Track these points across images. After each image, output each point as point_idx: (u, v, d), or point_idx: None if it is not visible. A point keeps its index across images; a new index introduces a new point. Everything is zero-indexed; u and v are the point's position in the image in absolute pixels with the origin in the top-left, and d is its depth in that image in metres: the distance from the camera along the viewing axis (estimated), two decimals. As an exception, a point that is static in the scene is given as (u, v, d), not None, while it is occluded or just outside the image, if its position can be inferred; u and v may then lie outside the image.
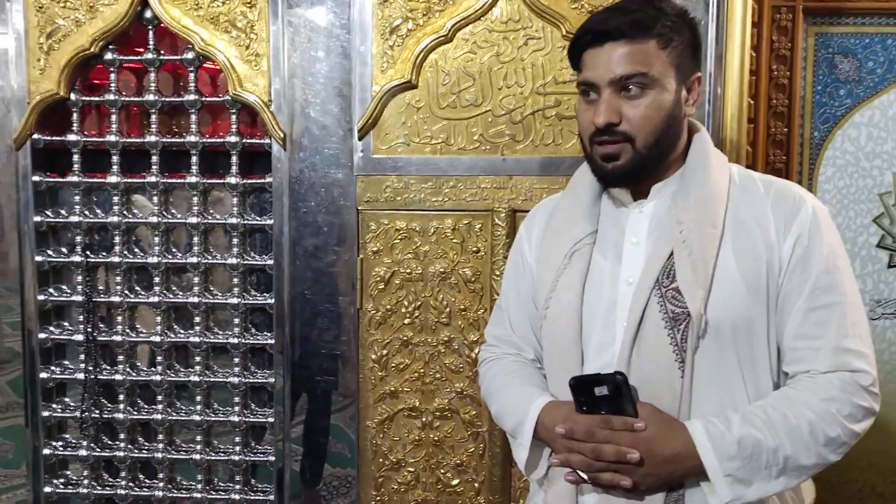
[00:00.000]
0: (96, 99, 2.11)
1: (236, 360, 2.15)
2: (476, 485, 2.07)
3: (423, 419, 2.07)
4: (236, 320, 2.14)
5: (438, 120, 1.98)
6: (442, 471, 2.08)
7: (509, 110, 1.95)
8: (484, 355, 1.61)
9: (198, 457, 2.19)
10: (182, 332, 2.19)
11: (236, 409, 2.16)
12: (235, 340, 2.14)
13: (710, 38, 1.85)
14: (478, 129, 1.97)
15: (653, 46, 1.26)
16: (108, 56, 2.08)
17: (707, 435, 1.20)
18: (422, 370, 2.05)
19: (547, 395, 1.40)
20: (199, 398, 2.18)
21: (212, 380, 2.17)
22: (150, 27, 2.07)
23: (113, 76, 2.10)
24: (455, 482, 2.08)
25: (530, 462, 1.41)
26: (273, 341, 2.11)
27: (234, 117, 2.07)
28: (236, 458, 2.17)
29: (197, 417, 2.18)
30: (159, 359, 2.19)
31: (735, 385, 1.26)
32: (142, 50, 2.09)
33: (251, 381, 2.15)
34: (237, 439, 2.18)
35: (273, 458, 2.15)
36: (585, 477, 1.27)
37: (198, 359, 2.17)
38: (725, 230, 1.28)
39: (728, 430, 1.19)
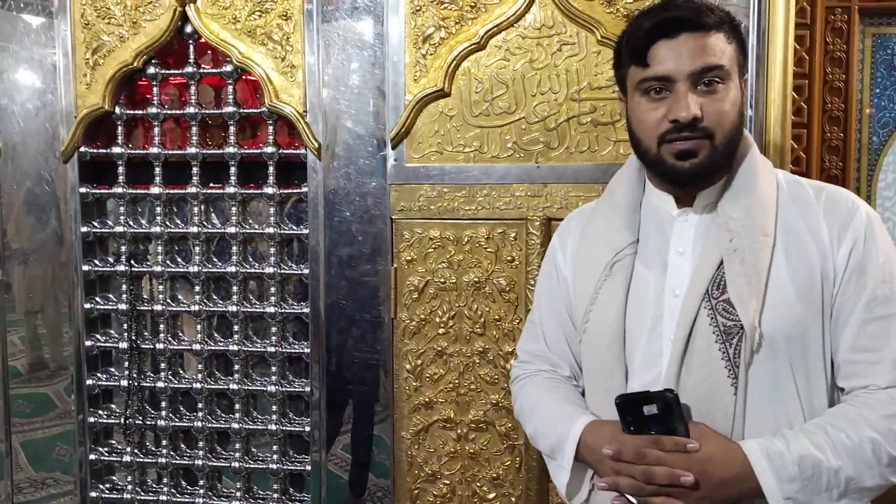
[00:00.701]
0: (139, 112, 2.17)
1: (273, 368, 2.17)
2: (512, 499, 2.03)
3: (459, 431, 2.04)
4: (273, 329, 2.16)
5: (471, 128, 1.96)
6: (478, 484, 2.05)
7: (543, 117, 1.92)
8: (516, 372, 1.55)
9: (237, 464, 2.21)
10: (222, 340, 2.22)
11: (274, 417, 2.18)
12: (272, 349, 2.15)
13: (752, 39, 1.79)
14: (511, 137, 1.94)
15: (722, 39, 1.21)
16: (151, 70, 2.13)
17: (765, 455, 1.13)
18: (456, 381, 2.03)
19: (588, 413, 1.35)
20: (237, 406, 2.20)
21: (249, 388, 2.19)
22: (190, 41, 2.11)
23: (155, 90, 2.15)
24: (491, 496, 2.04)
25: (571, 485, 1.35)
26: (309, 350, 2.12)
27: (270, 128, 2.10)
28: (274, 466, 2.18)
29: (236, 426, 2.20)
30: (200, 367, 2.22)
31: (790, 401, 1.20)
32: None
33: (288, 389, 2.16)
34: (275, 448, 2.19)
35: (310, 468, 2.15)
36: (635, 501, 1.20)
37: (237, 367, 2.20)
38: (777, 238, 1.22)
39: (787, 450, 1.13)
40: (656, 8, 1.28)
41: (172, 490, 2.26)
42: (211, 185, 2.18)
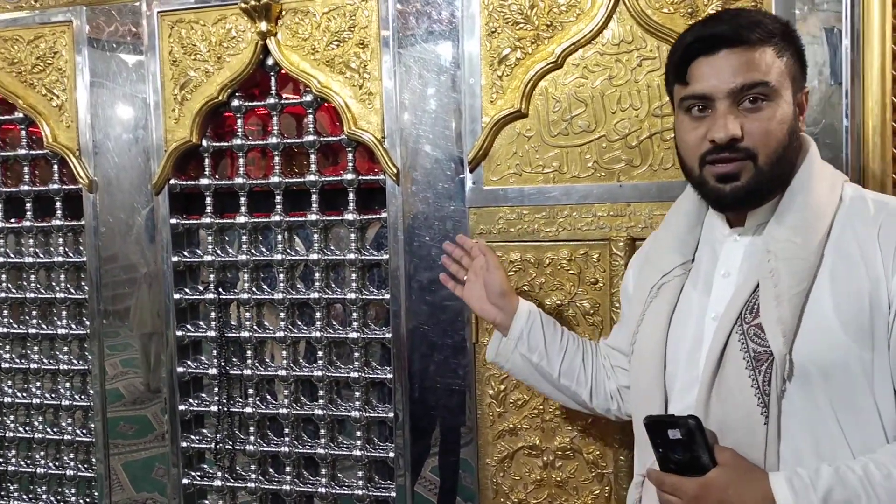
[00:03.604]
0: (225, 144, 2.23)
1: (357, 394, 2.17)
2: (602, 529, 1.97)
3: (545, 458, 1.99)
4: (356, 355, 2.16)
5: (550, 148, 1.92)
6: (565, 513, 1.99)
7: (624, 135, 1.87)
8: None
9: (323, 490, 2.22)
10: (307, 366, 2.24)
11: (358, 443, 2.18)
12: (356, 375, 2.16)
13: (846, 44, 1.69)
14: (592, 156, 1.90)
15: (770, 54, 1.15)
16: (235, 103, 2.19)
17: (790, 488, 1.07)
18: (541, 406, 1.98)
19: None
20: (323, 432, 2.22)
21: (334, 413, 2.20)
22: (271, 73, 2.16)
23: (239, 121, 2.21)
24: (580, 526, 1.98)
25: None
26: (391, 375, 2.12)
27: (350, 155, 2.12)
28: (360, 491, 2.18)
29: (322, 451, 2.21)
30: (286, 392, 2.25)
31: (832, 437, 1.12)
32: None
33: (371, 415, 2.16)
34: (360, 473, 2.19)
35: (395, 494, 2.14)
36: None
37: (322, 393, 2.21)
38: (824, 261, 1.14)
39: (813, 486, 1.06)
40: (699, 23, 1.24)
41: (261, 514, 2.29)
42: (293, 212, 2.22)
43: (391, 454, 2.14)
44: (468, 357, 2.03)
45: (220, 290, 2.27)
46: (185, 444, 2.31)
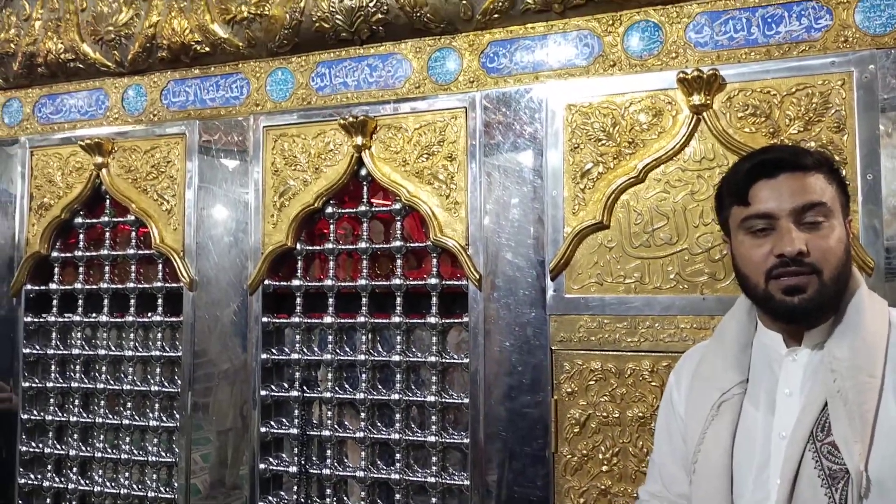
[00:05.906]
0: (317, 248, 2.35)
1: (434, 500, 2.16)
2: None
3: (625, 577, 1.92)
4: (433, 458, 2.17)
5: (632, 259, 1.95)
6: None
7: (707, 248, 1.88)
8: None
9: None
10: (384, 468, 2.25)
11: (433, 550, 2.16)
12: (432, 479, 2.16)
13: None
14: (674, 268, 1.92)
15: (822, 180, 1.26)
16: (329, 210, 2.32)
17: None
18: (621, 523, 1.93)
19: None
20: (398, 537, 2.20)
21: (409, 519, 2.19)
22: (364, 182, 2.29)
23: (332, 226, 2.33)
24: None
25: None
26: (468, 482, 2.11)
27: (434, 260, 2.20)
28: None
29: (395, 557, 2.19)
30: (363, 494, 2.26)
31: None
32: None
33: (447, 522, 2.15)
34: (434, 583, 2.16)
35: None
36: None
37: (398, 497, 2.21)
38: (886, 379, 1.19)
39: None
40: (756, 152, 1.36)
41: None
42: (377, 314, 2.29)
43: (466, 564, 2.11)
44: (547, 467, 2.01)
45: (305, 387, 2.34)
46: (261, 543, 2.33)
